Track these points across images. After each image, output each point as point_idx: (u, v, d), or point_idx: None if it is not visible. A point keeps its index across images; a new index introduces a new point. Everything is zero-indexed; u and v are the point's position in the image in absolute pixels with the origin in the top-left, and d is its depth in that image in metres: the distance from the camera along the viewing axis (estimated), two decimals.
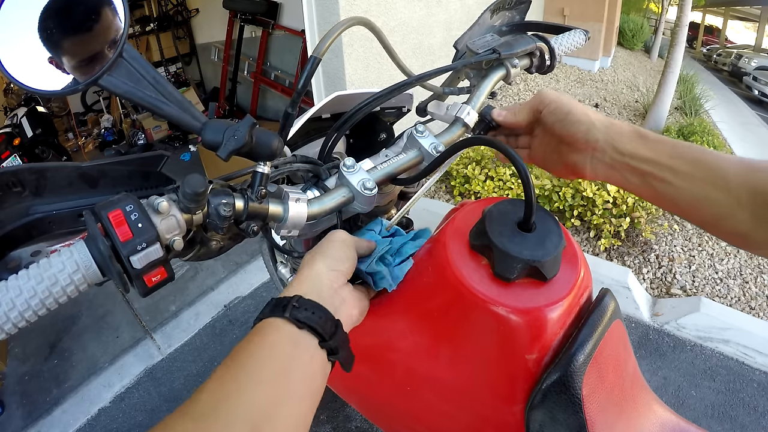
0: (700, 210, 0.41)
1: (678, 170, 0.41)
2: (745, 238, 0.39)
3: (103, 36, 0.34)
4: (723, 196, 0.39)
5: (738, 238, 0.40)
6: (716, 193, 0.39)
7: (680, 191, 0.41)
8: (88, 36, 0.34)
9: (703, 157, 0.41)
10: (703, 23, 19.93)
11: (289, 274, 0.69)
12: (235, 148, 0.36)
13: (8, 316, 0.30)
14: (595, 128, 0.45)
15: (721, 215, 0.39)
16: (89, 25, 0.34)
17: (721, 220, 0.40)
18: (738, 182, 0.38)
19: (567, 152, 0.47)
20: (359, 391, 0.61)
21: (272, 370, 0.34)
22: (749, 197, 0.38)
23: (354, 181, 0.46)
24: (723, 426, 1.49)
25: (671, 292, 2.05)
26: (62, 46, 0.33)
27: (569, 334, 0.42)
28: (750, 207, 0.38)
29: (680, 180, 0.41)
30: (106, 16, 0.34)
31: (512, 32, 0.72)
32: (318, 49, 0.44)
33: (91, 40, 0.34)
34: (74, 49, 0.34)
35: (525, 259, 0.40)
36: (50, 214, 0.40)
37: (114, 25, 0.34)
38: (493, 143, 0.44)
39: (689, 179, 0.40)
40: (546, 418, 0.41)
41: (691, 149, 0.42)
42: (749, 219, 0.38)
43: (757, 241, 0.38)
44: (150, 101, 0.35)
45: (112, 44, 0.34)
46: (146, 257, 0.32)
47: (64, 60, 0.33)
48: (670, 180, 0.41)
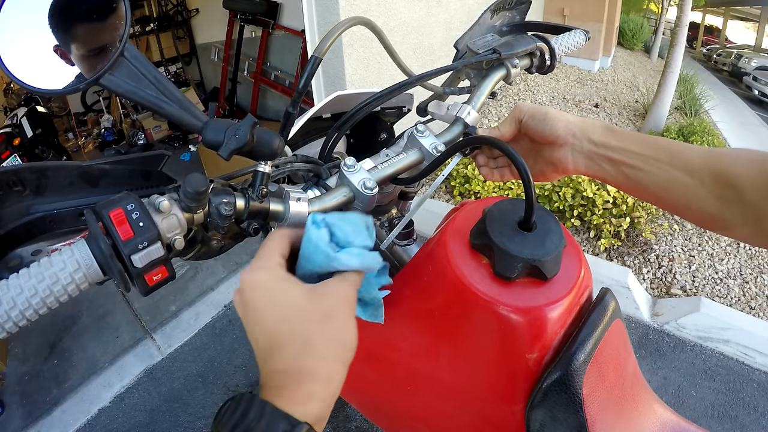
0: (670, 193, 0.44)
1: (646, 156, 0.45)
2: (714, 220, 0.42)
3: (104, 36, 0.34)
4: (689, 179, 0.42)
5: (708, 220, 0.43)
6: (683, 176, 0.43)
7: (650, 176, 0.45)
8: (89, 37, 0.34)
9: (667, 145, 0.45)
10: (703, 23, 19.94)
11: None
12: (237, 147, 0.36)
13: (9, 314, 0.30)
14: (571, 124, 0.50)
15: (689, 197, 0.43)
16: (90, 25, 0.34)
17: (691, 202, 0.43)
18: (700, 165, 0.42)
19: (549, 151, 0.52)
20: (359, 390, 0.61)
21: None
22: (711, 179, 0.41)
23: (355, 180, 0.46)
24: (723, 426, 1.49)
25: (671, 292, 2.05)
26: (72, 35, 0.33)
27: (570, 334, 0.42)
28: (713, 188, 0.41)
29: (649, 165, 0.45)
30: (107, 16, 0.34)
31: (512, 32, 0.72)
32: (319, 48, 0.44)
33: (91, 40, 0.34)
34: (86, 37, 0.34)
35: (525, 258, 0.40)
36: (51, 213, 0.40)
37: (114, 24, 0.34)
38: (494, 143, 0.44)
39: (657, 164, 0.44)
40: (546, 417, 0.41)
41: (656, 139, 0.46)
42: (714, 200, 0.41)
43: (725, 222, 0.41)
44: (151, 100, 0.35)
45: (113, 44, 0.34)
46: (147, 256, 0.32)
47: (72, 48, 0.33)
48: (640, 166, 0.45)
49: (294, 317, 0.32)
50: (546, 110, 0.50)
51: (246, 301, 0.33)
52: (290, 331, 0.32)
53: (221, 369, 1.68)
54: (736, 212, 0.40)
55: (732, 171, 0.40)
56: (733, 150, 0.42)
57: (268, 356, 0.31)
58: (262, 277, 0.34)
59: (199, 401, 1.56)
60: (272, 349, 0.31)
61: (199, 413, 1.52)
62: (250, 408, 0.28)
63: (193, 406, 1.55)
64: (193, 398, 1.58)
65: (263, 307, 0.32)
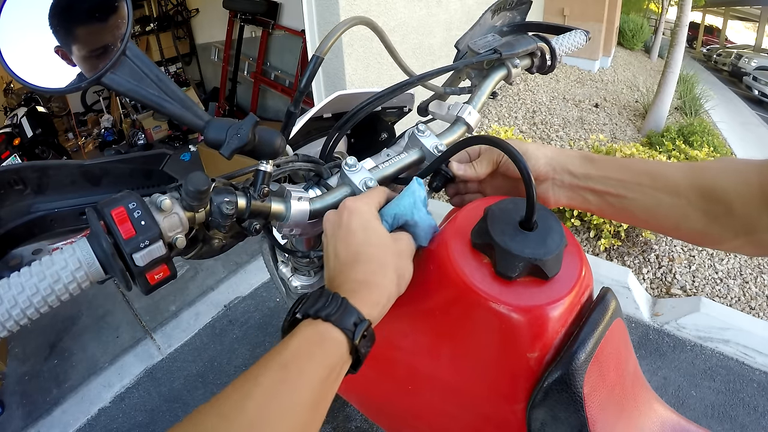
0: (657, 216, 0.44)
1: (628, 182, 0.44)
2: (705, 236, 0.42)
3: (106, 35, 0.34)
4: (674, 200, 0.42)
5: (698, 237, 0.43)
6: (667, 197, 0.42)
7: (635, 203, 0.44)
8: (90, 36, 0.34)
9: (647, 168, 0.44)
10: (703, 23, 19.96)
11: (290, 273, 0.69)
12: (239, 146, 0.36)
13: (10, 313, 0.30)
14: (550, 159, 0.49)
15: (677, 217, 0.42)
16: (92, 25, 0.34)
17: (679, 222, 0.42)
18: (686, 184, 0.41)
19: None
20: (360, 390, 0.61)
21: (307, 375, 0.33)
22: (698, 197, 0.40)
23: (356, 180, 0.46)
24: (723, 426, 1.49)
25: (671, 292, 2.05)
26: (74, 34, 0.33)
27: (570, 333, 0.42)
28: (700, 205, 0.40)
29: (632, 192, 0.44)
30: (109, 15, 0.34)
31: (513, 32, 0.72)
32: (320, 48, 0.45)
33: (93, 39, 0.34)
34: (86, 37, 0.34)
35: (527, 257, 0.40)
36: (52, 213, 0.40)
37: (116, 23, 0.34)
38: (495, 142, 0.44)
39: (640, 190, 0.44)
40: (547, 416, 0.41)
41: (636, 162, 0.45)
42: (702, 217, 0.41)
43: (715, 237, 0.41)
44: (153, 99, 0.35)
45: (115, 43, 0.34)
46: (149, 255, 0.32)
47: (73, 49, 0.33)
48: (623, 194, 0.45)
49: (379, 244, 0.40)
50: (525, 146, 0.49)
51: (342, 222, 0.41)
52: (374, 254, 0.39)
53: (221, 369, 1.68)
54: (727, 226, 0.40)
55: (718, 185, 0.39)
56: (716, 162, 0.42)
57: (349, 268, 0.39)
58: (363, 209, 0.41)
59: (199, 401, 1.55)
60: (355, 263, 0.39)
61: None
62: (332, 300, 0.35)
63: (193, 406, 1.54)
64: (193, 398, 1.58)
65: (356, 230, 0.40)
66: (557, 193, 0.49)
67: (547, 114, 4.08)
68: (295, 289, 0.70)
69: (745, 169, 0.39)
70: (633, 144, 2.64)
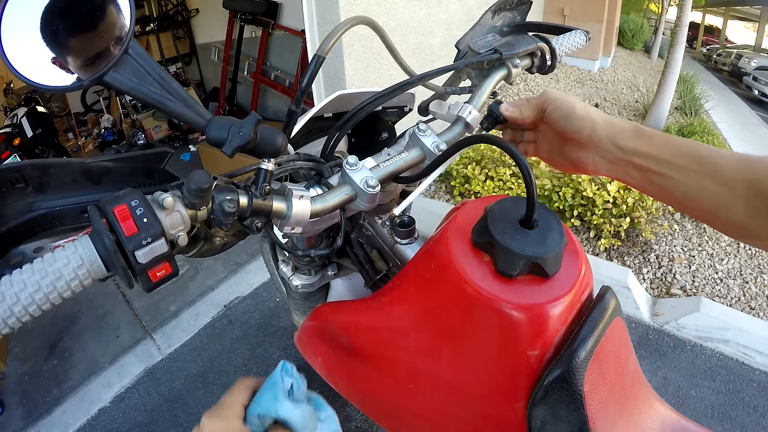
0: (697, 201, 0.42)
1: (675, 164, 0.43)
2: (742, 230, 0.41)
3: (109, 33, 0.34)
4: (719, 187, 0.40)
5: (735, 230, 0.41)
6: (712, 184, 0.41)
7: (678, 184, 0.43)
8: (93, 34, 0.34)
9: (698, 151, 0.42)
10: (703, 23, 19.96)
11: (290, 272, 0.70)
12: (240, 144, 0.36)
13: (12, 310, 0.30)
14: (597, 126, 0.46)
15: (717, 206, 0.41)
16: (94, 23, 0.34)
17: (719, 211, 0.41)
18: (733, 174, 0.40)
19: (570, 149, 0.49)
20: (360, 389, 0.61)
21: None
22: (744, 189, 0.39)
23: (357, 179, 0.46)
24: (723, 426, 1.49)
25: (671, 292, 2.05)
26: (66, 46, 0.34)
27: (571, 331, 0.42)
28: (745, 198, 0.39)
29: (677, 173, 0.43)
30: (111, 13, 0.34)
31: (513, 32, 0.72)
32: (322, 47, 0.45)
33: (96, 38, 0.34)
34: (79, 48, 0.34)
35: (527, 255, 0.40)
36: (53, 211, 0.40)
37: (119, 22, 0.34)
38: (495, 141, 0.44)
39: (685, 172, 0.42)
40: (547, 414, 0.41)
41: (687, 144, 0.43)
42: (745, 210, 0.39)
43: (753, 233, 0.40)
44: (155, 98, 0.35)
45: (117, 41, 0.34)
46: (151, 252, 0.32)
47: (68, 60, 0.33)
48: (668, 174, 0.43)
49: None
50: (573, 105, 0.48)
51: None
52: None
53: (221, 369, 1.68)
54: (763, 222, 0.38)
55: (766, 181, 0.38)
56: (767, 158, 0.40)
57: None
58: (217, 428, 0.41)
59: (199, 401, 1.56)
60: None
61: (199, 413, 1.51)
62: None
63: (193, 406, 1.55)
64: (193, 398, 1.58)
65: None
66: (597, 162, 0.48)
67: None
68: (296, 288, 0.70)
69: None
70: None
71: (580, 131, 0.47)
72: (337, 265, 0.70)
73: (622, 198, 2.21)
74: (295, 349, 1.66)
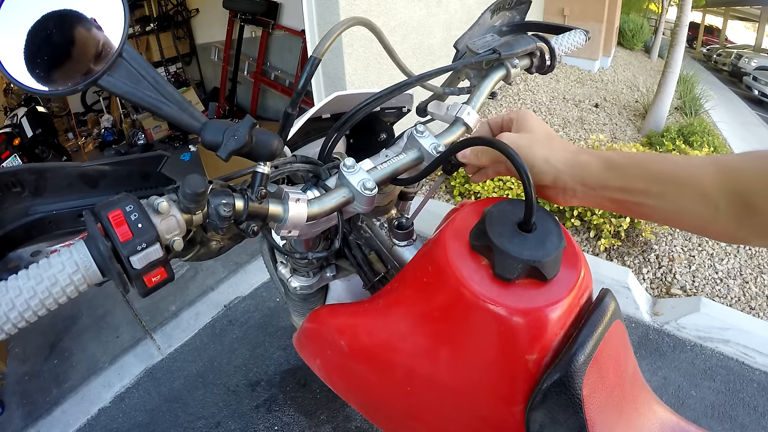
0: (681, 221, 0.42)
1: (652, 192, 0.42)
2: (732, 236, 0.40)
3: (84, 56, 0.33)
4: (701, 207, 0.40)
5: (725, 238, 0.41)
6: (694, 205, 0.40)
7: (657, 210, 0.42)
8: (69, 62, 0.34)
9: (675, 173, 0.41)
10: (703, 23, 19.93)
11: (289, 274, 0.69)
12: (235, 148, 0.36)
13: (8, 316, 0.30)
14: (560, 173, 0.45)
15: (703, 223, 0.40)
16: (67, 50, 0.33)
17: (705, 226, 0.41)
18: (715, 190, 0.39)
19: (537, 188, 0.48)
20: (358, 391, 0.61)
21: None
22: (727, 203, 0.38)
23: (354, 181, 0.46)
24: (723, 426, 1.49)
25: (671, 292, 2.05)
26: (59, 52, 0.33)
27: (569, 335, 0.42)
28: (731, 210, 0.38)
29: (655, 200, 0.42)
30: (80, 37, 0.33)
31: (512, 32, 0.72)
32: (318, 49, 0.44)
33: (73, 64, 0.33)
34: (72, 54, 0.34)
35: (525, 259, 0.40)
36: (50, 215, 0.40)
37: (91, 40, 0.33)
38: (493, 143, 0.44)
39: (663, 198, 0.41)
40: (546, 418, 0.41)
41: (662, 167, 0.42)
42: (731, 221, 0.39)
43: (743, 237, 0.39)
44: (150, 101, 0.35)
45: (97, 58, 0.33)
46: (146, 257, 0.32)
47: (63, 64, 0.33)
48: (645, 202, 0.42)
49: None
50: (531, 161, 0.45)
51: None
52: None
53: (221, 369, 1.68)
54: (755, 227, 0.38)
55: (748, 189, 0.37)
56: (747, 161, 0.39)
57: None
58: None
59: (199, 401, 1.56)
60: None
61: (199, 413, 1.52)
62: None
63: (193, 406, 1.55)
64: (193, 398, 1.58)
65: None
66: (567, 200, 0.47)
67: (547, 114, 4.08)
68: (294, 289, 0.70)
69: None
70: (633, 144, 2.64)
71: (542, 180, 0.46)
72: (335, 266, 0.70)
73: None
74: (294, 350, 1.67)
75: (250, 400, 1.56)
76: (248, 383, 1.63)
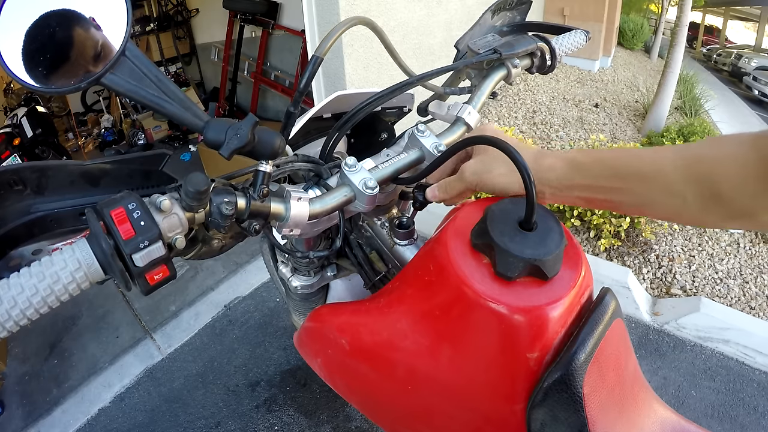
0: (651, 212, 0.42)
1: (617, 188, 0.43)
2: (702, 222, 0.41)
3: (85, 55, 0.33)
4: (669, 198, 0.40)
5: (695, 223, 0.42)
6: (661, 196, 0.41)
7: (625, 204, 0.43)
8: (71, 60, 0.34)
9: (638, 168, 0.42)
10: (703, 23, 19.94)
11: (289, 273, 0.70)
12: (238, 146, 0.36)
13: (10, 314, 0.30)
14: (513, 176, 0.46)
15: (672, 212, 0.41)
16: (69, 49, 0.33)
17: (675, 215, 0.41)
18: (680, 180, 0.39)
19: None
20: (360, 390, 0.61)
21: None
22: (694, 192, 0.39)
23: (355, 180, 0.46)
24: (723, 426, 1.49)
25: (671, 292, 2.05)
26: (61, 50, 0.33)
27: (570, 333, 0.42)
28: (698, 198, 0.39)
29: (621, 195, 0.42)
30: (82, 36, 0.33)
31: (513, 32, 0.72)
32: (320, 48, 0.45)
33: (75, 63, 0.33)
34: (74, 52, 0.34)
35: (526, 257, 0.40)
36: (51, 213, 0.40)
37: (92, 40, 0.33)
38: (494, 142, 0.44)
39: (631, 193, 0.42)
40: (547, 417, 0.41)
41: (626, 162, 0.42)
42: (700, 209, 0.39)
43: (713, 222, 0.40)
44: (152, 100, 0.35)
45: (98, 58, 0.33)
46: (148, 255, 0.32)
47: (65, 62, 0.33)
48: (612, 198, 0.43)
49: None
50: (492, 187, 0.47)
51: None
52: None
53: (221, 369, 1.68)
54: (723, 212, 0.38)
55: (714, 176, 0.37)
56: (709, 148, 0.39)
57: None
58: None
59: (199, 401, 1.56)
60: None
61: (199, 413, 1.52)
62: None
63: (193, 406, 1.55)
64: (193, 398, 1.58)
65: None
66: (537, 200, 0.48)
67: (547, 114, 4.08)
68: (295, 289, 0.70)
69: (740, 151, 0.36)
70: (633, 144, 2.64)
71: (509, 191, 0.47)
72: (336, 266, 0.70)
73: None
74: (294, 350, 1.67)
75: (250, 400, 1.56)
76: (248, 383, 1.63)
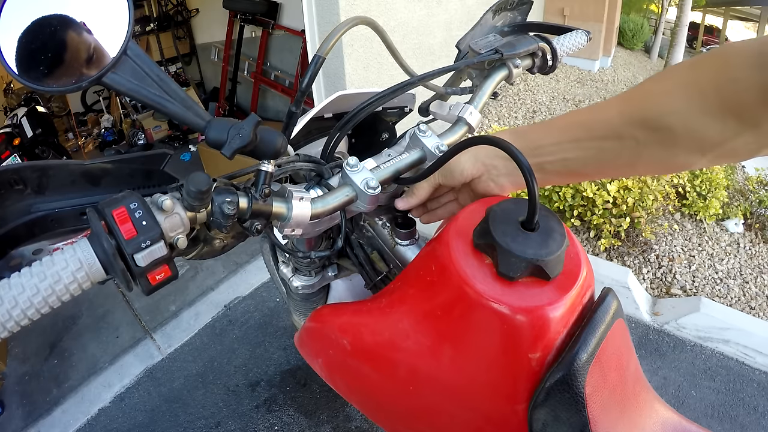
0: (607, 165, 0.41)
1: (562, 143, 0.42)
2: (667, 165, 0.39)
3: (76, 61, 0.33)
4: (618, 144, 0.39)
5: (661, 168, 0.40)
6: (613, 144, 0.39)
7: (578, 161, 0.42)
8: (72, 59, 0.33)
9: (579, 119, 0.41)
10: (703, 23, 19.93)
11: (290, 273, 0.69)
12: (240, 146, 0.35)
13: (11, 313, 0.30)
14: (475, 157, 0.48)
15: (629, 159, 0.39)
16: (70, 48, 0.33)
17: (634, 162, 0.40)
18: (625, 123, 0.38)
19: (473, 187, 0.51)
20: (361, 390, 0.61)
21: None
22: (644, 133, 0.37)
23: (357, 180, 0.46)
24: (723, 426, 1.49)
25: (671, 292, 2.05)
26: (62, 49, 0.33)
27: (572, 333, 0.42)
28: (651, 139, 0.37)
29: (570, 152, 0.41)
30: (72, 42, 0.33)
31: (514, 33, 0.72)
32: (322, 48, 0.44)
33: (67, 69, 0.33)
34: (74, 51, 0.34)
35: (528, 258, 0.40)
36: (52, 213, 0.40)
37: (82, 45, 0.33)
38: (496, 142, 0.44)
39: (579, 145, 0.41)
40: (549, 417, 0.41)
41: (564, 118, 0.42)
42: (658, 148, 0.38)
43: (680, 163, 0.39)
44: (154, 99, 0.35)
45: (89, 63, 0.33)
46: (150, 255, 0.32)
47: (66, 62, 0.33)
48: (561, 157, 0.42)
49: None
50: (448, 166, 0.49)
51: None
52: None
53: (221, 369, 1.68)
54: (681, 149, 0.37)
55: (658, 113, 0.36)
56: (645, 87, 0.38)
57: None
58: None
59: (199, 401, 1.56)
60: None
61: (199, 413, 1.51)
62: None
63: (193, 406, 1.54)
64: (193, 398, 1.58)
65: None
66: (499, 182, 0.49)
67: (547, 114, 4.08)
68: (296, 289, 0.70)
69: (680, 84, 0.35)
70: None
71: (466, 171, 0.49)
72: (337, 266, 0.70)
73: (622, 198, 2.21)
74: (295, 350, 1.66)
75: (250, 400, 1.56)
76: (248, 383, 1.62)
